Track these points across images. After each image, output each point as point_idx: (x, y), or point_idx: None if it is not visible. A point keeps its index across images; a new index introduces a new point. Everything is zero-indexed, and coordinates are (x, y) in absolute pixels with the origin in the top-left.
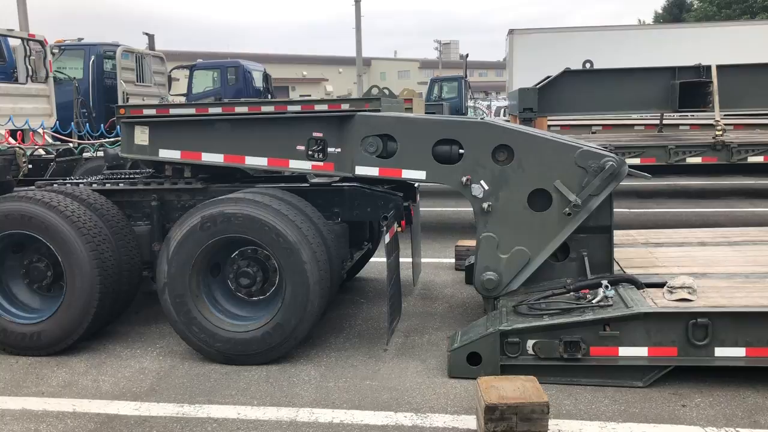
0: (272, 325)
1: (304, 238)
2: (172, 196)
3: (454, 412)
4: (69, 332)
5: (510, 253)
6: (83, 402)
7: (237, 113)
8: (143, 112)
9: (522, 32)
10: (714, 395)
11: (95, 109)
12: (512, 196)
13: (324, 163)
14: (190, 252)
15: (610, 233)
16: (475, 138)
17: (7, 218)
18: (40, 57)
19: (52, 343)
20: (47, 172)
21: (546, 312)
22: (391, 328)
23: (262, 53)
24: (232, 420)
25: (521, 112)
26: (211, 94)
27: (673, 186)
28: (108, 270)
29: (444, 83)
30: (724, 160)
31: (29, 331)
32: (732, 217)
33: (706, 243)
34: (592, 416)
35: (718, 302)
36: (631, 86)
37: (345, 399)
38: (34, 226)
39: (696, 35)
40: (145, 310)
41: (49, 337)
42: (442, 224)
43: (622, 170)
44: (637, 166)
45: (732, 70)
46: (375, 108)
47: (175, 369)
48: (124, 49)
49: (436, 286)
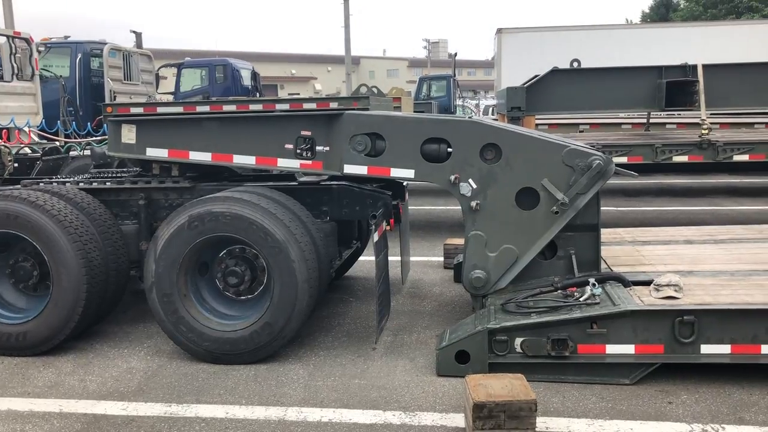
0: (260, 324)
1: (292, 237)
2: (159, 194)
3: (442, 410)
4: (56, 332)
5: (498, 251)
6: (70, 402)
7: (225, 112)
8: (130, 111)
9: (510, 31)
10: (700, 392)
11: (82, 107)
12: (500, 195)
13: (312, 162)
14: (178, 251)
15: (597, 231)
16: (464, 137)
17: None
18: (26, 55)
19: (38, 343)
20: (33, 171)
21: (534, 310)
22: (380, 327)
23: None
24: (221, 419)
25: (509, 111)
26: (199, 93)
27: (659, 184)
28: (95, 269)
29: (433, 82)
30: (710, 158)
31: (15, 331)
32: (718, 215)
33: (693, 241)
34: (580, 413)
35: (704, 300)
36: (618, 85)
37: (333, 398)
38: (19, 226)
39: (682, 35)
40: (133, 310)
41: (35, 337)
42: (431, 223)
43: (609, 169)
44: (624, 164)
45: (718, 69)
46: (364, 107)
47: (162, 368)
48: (111, 47)
49: (425, 284)
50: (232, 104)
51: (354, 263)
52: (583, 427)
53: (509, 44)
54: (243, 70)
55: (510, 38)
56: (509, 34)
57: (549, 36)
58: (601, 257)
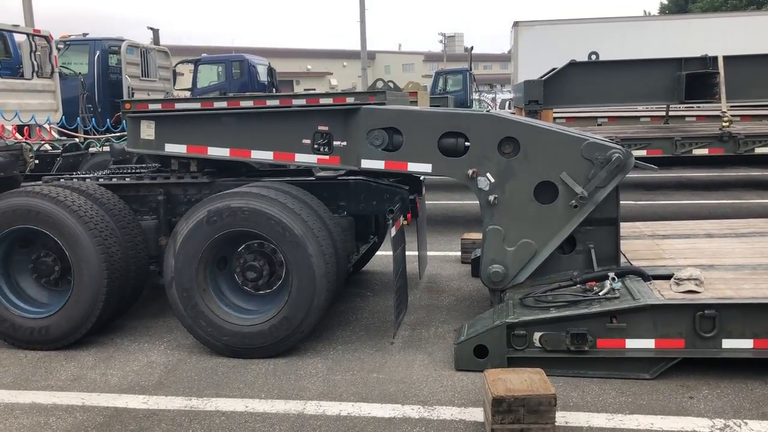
0: (279, 319)
1: (310, 232)
2: (178, 190)
3: (461, 404)
4: (77, 326)
5: (516, 245)
6: (92, 396)
7: (242, 107)
8: (149, 107)
9: (527, 24)
10: (721, 387)
11: (100, 104)
12: (518, 189)
13: (330, 157)
14: (197, 246)
15: (616, 225)
16: (481, 130)
17: (15, 213)
18: (46, 52)
19: (60, 337)
20: (54, 167)
21: (553, 304)
22: (397, 322)
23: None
24: (240, 413)
25: (527, 105)
26: (216, 89)
27: (679, 178)
28: (115, 264)
29: (449, 76)
30: (731, 151)
31: (38, 326)
32: (738, 209)
33: (713, 235)
34: (600, 408)
35: (726, 294)
36: (637, 78)
37: (352, 392)
38: (41, 221)
39: (702, 26)
40: (153, 305)
41: (57, 330)
42: (448, 217)
43: (628, 162)
44: (643, 157)
45: (739, 60)
46: (380, 101)
47: (182, 363)
48: (129, 44)
49: (443, 279)
50: (250, 100)
51: (371, 258)
52: (603, 422)
53: (526, 38)
54: (259, 66)
55: (526, 31)
56: (526, 28)
57: (566, 29)
58: (620, 251)
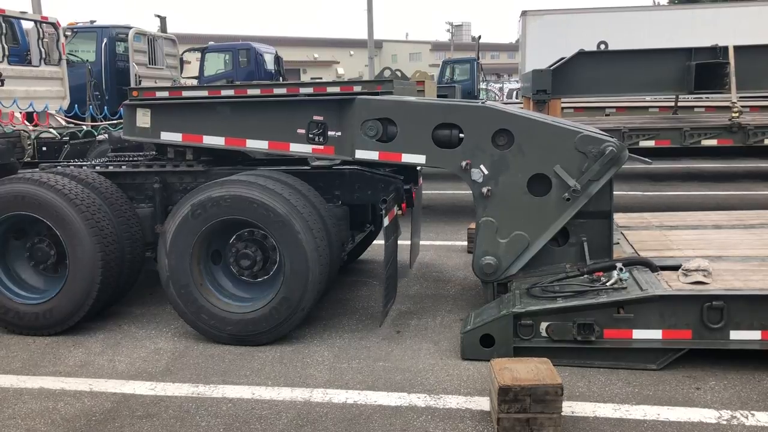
0: (278, 300)
1: (293, 209)
2: (174, 178)
3: (467, 393)
4: (79, 304)
5: (509, 237)
6: (99, 381)
7: (236, 96)
8: (156, 95)
9: (535, 13)
10: (728, 378)
11: (107, 91)
12: (512, 181)
13: (324, 147)
14: (187, 241)
15: (609, 218)
16: (475, 122)
17: (6, 199)
18: (53, 40)
19: (65, 318)
20: (61, 155)
21: (560, 294)
22: (385, 310)
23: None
24: (247, 400)
25: (535, 94)
26: (223, 77)
27: (687, 168)
28: (109, 245)
29: (456, 65)
30: (740, 142)
31: (41, 310)
32: (747, 200)
33: (721, 226)
34: (606, 398)
35: (734, 285)
36: (645, 68)
37: (359, 380)
38: (27, 205)
39: (712, 16)
40: (160, 292)
41: (61, 312)
42: (455, 207)
43: (622, 155)
44: (651, 148)
45: (750, 50)
46: (387, 90)
47: (189, 349)
48: (137, 32)
49: (449, 268)
50: (257, 88)
51: (368, 246)
52: (610, 412)
53: (534, 27)
54: (266, 55)
55: (535, 21)
56: (534, 17)
57: (574, 18)
58: (613, 244)
